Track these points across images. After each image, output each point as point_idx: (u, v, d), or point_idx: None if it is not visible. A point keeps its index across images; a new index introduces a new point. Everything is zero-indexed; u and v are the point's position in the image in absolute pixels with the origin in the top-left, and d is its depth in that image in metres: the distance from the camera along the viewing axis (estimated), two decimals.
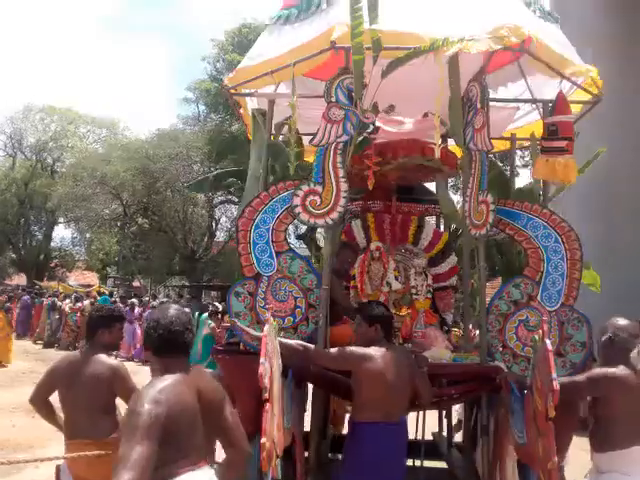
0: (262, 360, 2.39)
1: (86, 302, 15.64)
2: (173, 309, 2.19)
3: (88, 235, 27.53)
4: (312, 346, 3.16)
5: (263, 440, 2.34)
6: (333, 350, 3.10)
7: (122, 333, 3.48)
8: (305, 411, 3.65)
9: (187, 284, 23.34)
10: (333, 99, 3.46)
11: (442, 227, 5.23)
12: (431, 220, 5.27)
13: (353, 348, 3.07)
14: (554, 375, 2.33)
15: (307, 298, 3.44)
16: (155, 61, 67.13)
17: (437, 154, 3.26)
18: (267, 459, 2.41)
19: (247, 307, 3.42)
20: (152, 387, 1.97)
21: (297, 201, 3.43)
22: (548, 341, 2.46)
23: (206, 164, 21.14)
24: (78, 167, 23.40)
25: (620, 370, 2.83)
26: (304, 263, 3.50)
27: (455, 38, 3.09)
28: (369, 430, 2.97)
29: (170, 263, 23.19)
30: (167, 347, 2.10)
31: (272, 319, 2.73)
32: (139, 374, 10.93)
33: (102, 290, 20.38)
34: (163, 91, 66.62)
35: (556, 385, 2.29)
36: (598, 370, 2.89)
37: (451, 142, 4.57)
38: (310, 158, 3.91)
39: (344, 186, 3.43)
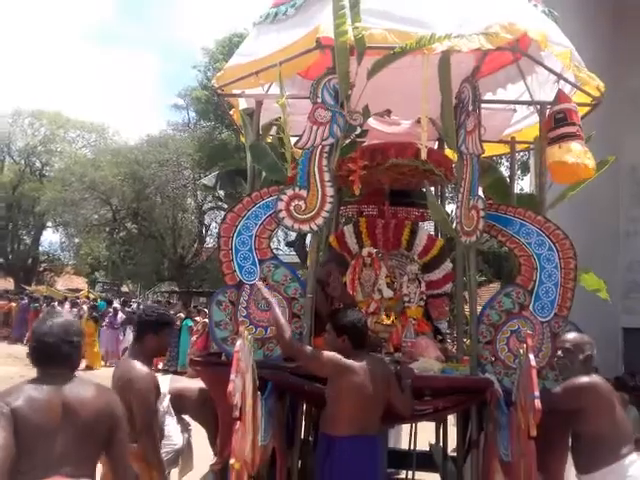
0: (232, 376, 2.37)
1: (85, 307, 15.72)
2: (52, 319, 2.17)
3: (77, 240, 27.68)
4: (297, 342, 3.10)
5: (232, 461, 2.29)
6: (319, 352, 3.03)
7: (169, 339, 3.34)
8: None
9: (176, 290, 23.55)
10: (319, 100, 3.45)
11: (439, 233, 5.24)
12: (425, 226, 5.28)
13: (339, 357, 2.98)
14: (536, 393, 2.28)
15: (291, 307, 3.40)
16: (145, 68, 67.81)
17: (423, 155, 3.27)
18: None
19: (228, 316, 3.42)
20: (2, 392, 2.02)
21: (281, 206, 3.40)
22: (532, 356, 2.44)
23: (196, 170, 21.41)
24: (67, 172, 23.75)
25: (594, 378, 2.87)
26: (288, 271, 3.48)
27: (443, 35, 3.10)
28: (344, 444, 2.91)
29: (159, 269, 23.41)
30: (41, 358, 2.11)
31: (246, 333, 2.74)
32: None
33: (90, 295, 20.52)
34: (153, 98, 67.13)
35: (537, 404, 2.25)
36: (574, 380, 2.89)
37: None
38: None
39: (330, 190, 3.42)
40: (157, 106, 66.84)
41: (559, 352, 3.03)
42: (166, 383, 4.04)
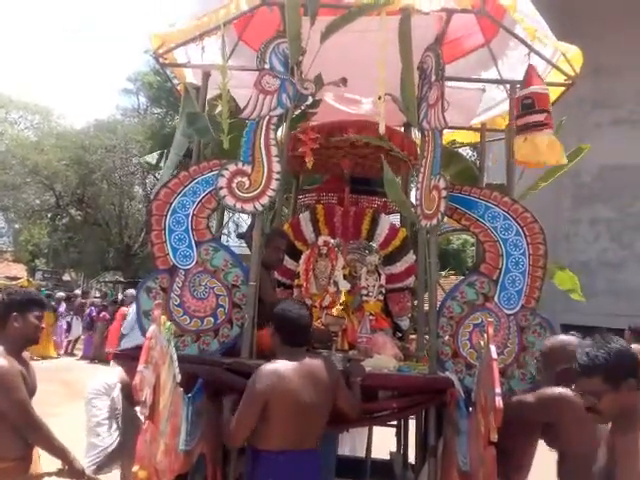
0: (140, 367, 1.98)
1: None
2: None
3: (17, 225, 26.72)
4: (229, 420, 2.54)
5: (135, 468, 1.93)
6: (242, 404, 2.51)
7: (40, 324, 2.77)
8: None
9: (121, 280, 23.16)
10: (267, 66, 3.14)
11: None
12: (391, 219, 4.95)
13: (259, 377, 2.49)
14: (497, 390, 1.97)
15: (231, 296, 3.09)
16: (96, 51, 65.00)
17: (382, 129, 2.93)
18: None
19: None
20: None
21: (222, 183, 3.09)
22: (493, 347, 2.11)
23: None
24: (8, 154, 22.51)
25: (569, 392, 2.51)
26: (229, 255, 3.14)
27: None
28: (278, 460, 2.50)
29: (104, 257, 23.01)
30: None
31: (164, 318, 2.33)
32: (74, 371, 10.78)
33: (31, 283, 19.77)
34: (103, 83, 64.95)
35: (499, 403, 1.93)
36: (550, 390, 2.50)
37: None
38: None
39: (277, 166, 3.10)
40: (108, 93, 64.42)
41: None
42: (116, 372, 3.74)
